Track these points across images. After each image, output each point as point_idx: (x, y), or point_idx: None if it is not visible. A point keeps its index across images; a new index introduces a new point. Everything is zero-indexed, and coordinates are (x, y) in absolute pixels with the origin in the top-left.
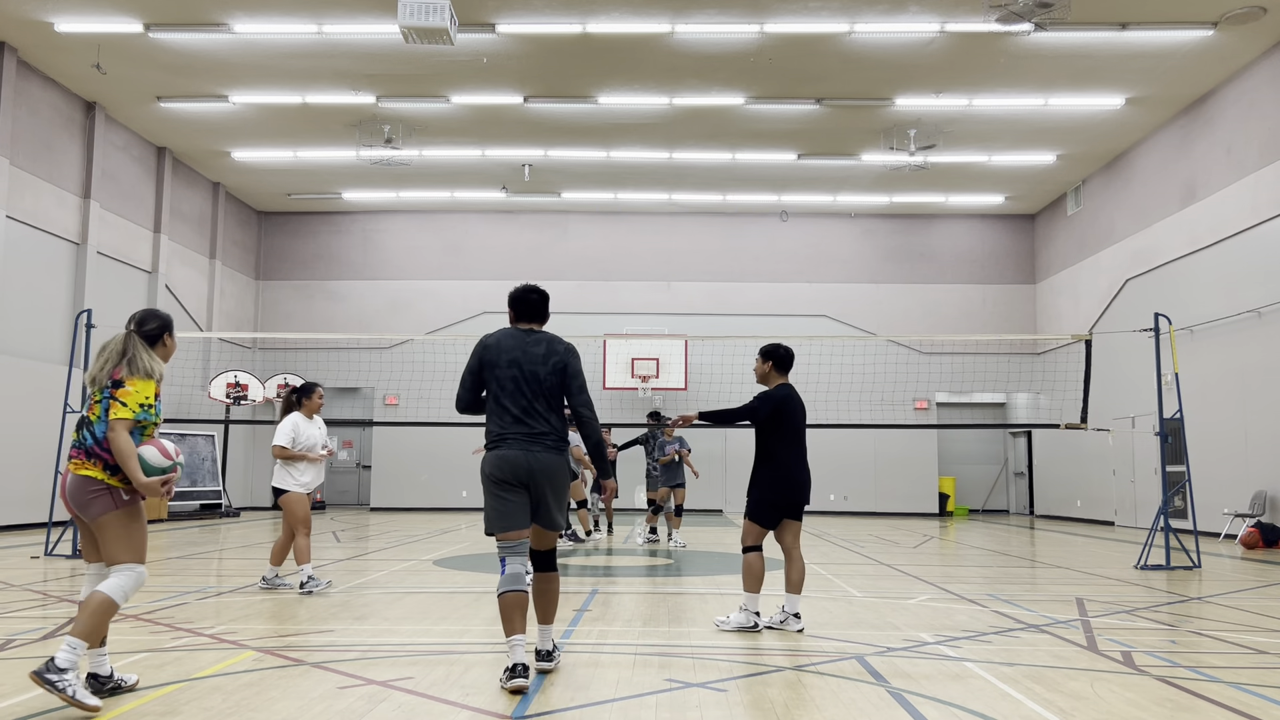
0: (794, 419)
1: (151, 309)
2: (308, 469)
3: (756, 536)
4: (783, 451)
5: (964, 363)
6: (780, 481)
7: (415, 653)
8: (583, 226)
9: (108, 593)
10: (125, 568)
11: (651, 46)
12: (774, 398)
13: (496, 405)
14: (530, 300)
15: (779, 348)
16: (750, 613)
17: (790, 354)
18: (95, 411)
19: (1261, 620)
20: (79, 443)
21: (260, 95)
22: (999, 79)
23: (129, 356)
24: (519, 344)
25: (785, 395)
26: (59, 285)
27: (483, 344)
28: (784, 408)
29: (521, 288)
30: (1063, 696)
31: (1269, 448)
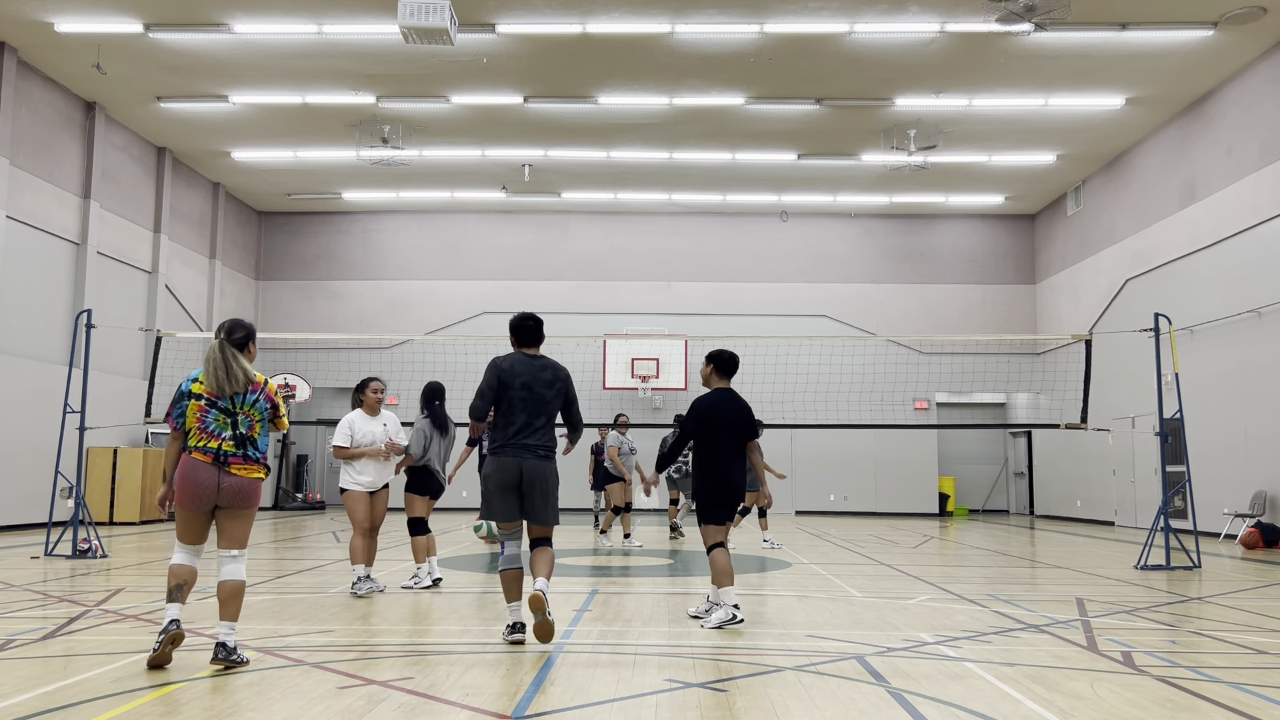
0: (723, 424)
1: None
2: (367, 466)
3: (717, 535)
4: (721, 454)
5: (964, 363)
6: (723, 481)
7: (415, 653)
8: (583, 226)
9: (243, 578)
10: (244, 553)
11: (651, 46)
12: (696, 409)
13: (505, 420)
14: (529, 328)
15: (721, 353)
16: (729, 607)
17: (733, 359)
18: (256, 430)
19: (1261, 620)
20: (243, 454)
21: (260, 95)
22: (999, 79)
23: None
24: (530, 370)
25: (710, 403)
26: (59, 285)
27: (498, 366)
28: (706, 415)
29: (520, 316)
30: (1063, 696)
31: (1269, 448)
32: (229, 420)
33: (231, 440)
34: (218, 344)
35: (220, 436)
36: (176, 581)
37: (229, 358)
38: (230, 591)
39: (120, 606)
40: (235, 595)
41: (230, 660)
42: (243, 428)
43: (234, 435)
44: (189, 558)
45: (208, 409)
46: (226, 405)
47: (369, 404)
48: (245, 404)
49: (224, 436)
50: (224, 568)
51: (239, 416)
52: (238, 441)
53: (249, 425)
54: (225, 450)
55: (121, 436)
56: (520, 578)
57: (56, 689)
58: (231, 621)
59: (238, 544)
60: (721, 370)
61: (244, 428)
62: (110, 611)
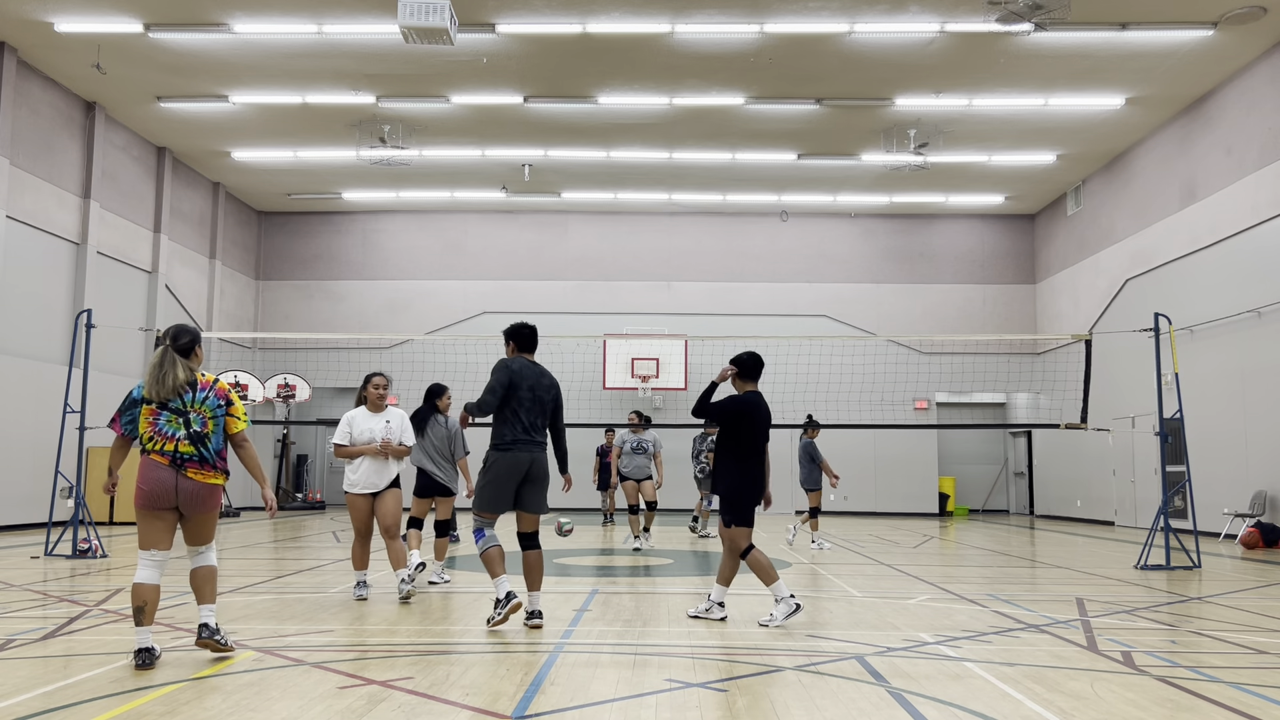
0: (756, 424)
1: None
2: (361, 465)
3: (747, 538)
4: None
5: (964, 363)
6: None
7: (415, 653)
8: (583, 226)
9: (214, 563)
10: (211, 545)
11: (651, 46)
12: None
13: (514, 417)
14: (526, 334)
15: (742, 356)
16: (784, 599)
17: (755, 361)
18: (210, 427)
19: (1261, 620)
20: (198, 457)
21: (260, 95)
22: (999, 79)
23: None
24: (534, 374)
25: (748, 401)
26: (59, 285)
27: (509, 368)
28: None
29: (519, 324)
30: (1063, 696)
31: (1269, 448)
32: (181, 420)
33: (186, 439)
34: (159, 350)
35: (174, 438)
36: (139, 602)
37: (165, 362)
38: (203, 577)
39: (120, 606)
40: (209, 579)
41: (215, 640)
42: (196, 425)
43: (188, 434)
44: (153, 572)
45: (159, 411)
46: (177, 406)
47: (371, 400)
48: (195, 402)
49: (178, 437)
50: (194, 560)
51: (190, 415)
52: (193, 440)
53: (202, 423)
54: (182, 452)
55: None
56: (503, 553)
57: (56, 689)
58: (210, 604)
59: (203, 541)
60: (745, 373)
61: (197, 425)
62: (110, 611)
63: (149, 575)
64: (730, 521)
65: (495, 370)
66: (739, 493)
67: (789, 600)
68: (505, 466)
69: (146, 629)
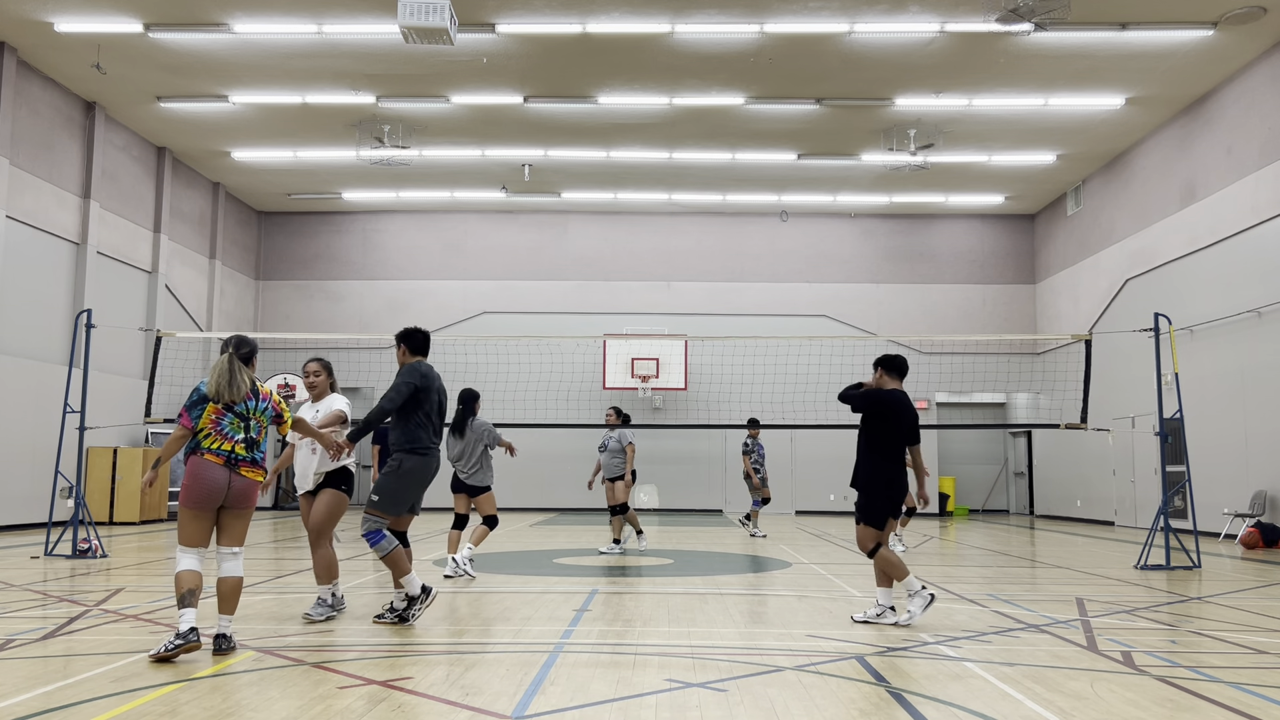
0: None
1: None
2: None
3: (875, 538)
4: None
5: (964, 363)
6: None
7: (415, 653)
8: (583, 226)
9: (241, 574)
10: (241, 549)
11: (651, 46)
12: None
13: (426, 421)
14: (421, 339)
15: (886, 356)
16: (920, 593)
17: (901, 359)
18: (264, 435)
19: (1261, 620)
20: (249, 458)
21: (260, 95)
22: (999, 79)
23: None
24: (437, 377)
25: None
26: (59, 285)
27: (418, 371)
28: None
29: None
30: (1063, 696)
31: (1269, 448)
32: (243, 425)
33: (243, 443)
34: (226, 356)
35: (233, 439)
36: (188, 587)
37: (235, 369)
38: (231, 587)
39: (120, 606)
40: (235, 591)
41: (229, 650)
42: (253, 432)
43: (245, 439)
44: (195, 562)
45: (224, 412)
46: (242, 410)
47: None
48: (256, 410)
49: (237, 439)
50: (224, 564)
51: (251, 421)
52: (248, 445)
53: (259, 430)
54: (238, 453)
55: (121, 436)
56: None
57: (56, 689)
58: (230, 615)
59: (238, 541)
60: (891, 371)
61: (254, 432)
62: (110, 611)
63: (191, 563)
64: (859, 519)
65: (405, 373)
66: (869, 492)
67: (922, 594)
68: (419, 470)
69: (192, 609)
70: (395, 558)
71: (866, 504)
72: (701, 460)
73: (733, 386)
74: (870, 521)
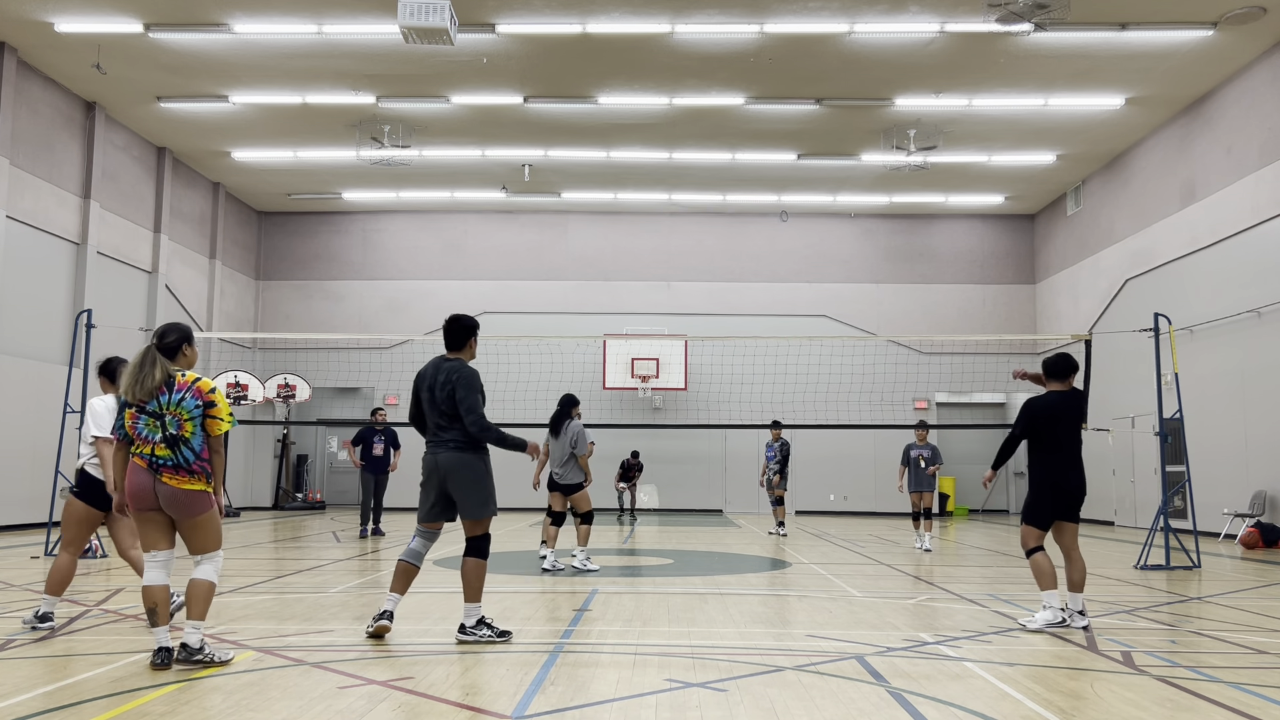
0: (1053, 426)
1: (171, 322)
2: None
3: (1036, 539)
4: (1046, 457)
5: (964, 363)
6: (1046, 486)
7: (415, 653)
8: (583, 226)
9: (209, 578)
10: (213, 555)
11: (651, 46)
12: (1027, 410)
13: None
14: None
15: (1054, 356)
16: (1055, 609)
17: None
18: (188, 430)
19: (1261, 620)
20: (173, 461)
21: (260, 95)
22: (999, 79)
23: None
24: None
25: (1042, 405)
26: (59, 285)
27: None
28: (1037, 419)
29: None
30: (1063, 696)
31: (1269, 448)
32: (158, 423)
33: (163, 443)
34: (142, 349)
35: (152, 441)
36: (150, 604)
37: (143, 364)
38: (198, 591)
39: (120, 606)
40: (202, 595)
41: (195, 660)
42: (171, 428)
43: (164, 438)
44: (158, 573)
45: (138, 415)
46: (154, 408)
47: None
48: (171, 404)
49: (155, 440)
50: (195, 570)
51: (166, 418)
52: (169, 443)
53: (178, 425)
54: (158, 455)
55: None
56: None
57: (56, 689)
58: (198, 620)
59: (200, 550)
60: (1051, 374)
61: (173, 428)
62: (110, 611)
63: (154, 577)
64: (1023, 518)
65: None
66: (1037, 491)
67: (1058, 611)
68: (422, 470)
69: (163, 628)
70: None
71: (1031, 502)
72: (701, 460)
73: (733, 386)
74: (1032, 521)
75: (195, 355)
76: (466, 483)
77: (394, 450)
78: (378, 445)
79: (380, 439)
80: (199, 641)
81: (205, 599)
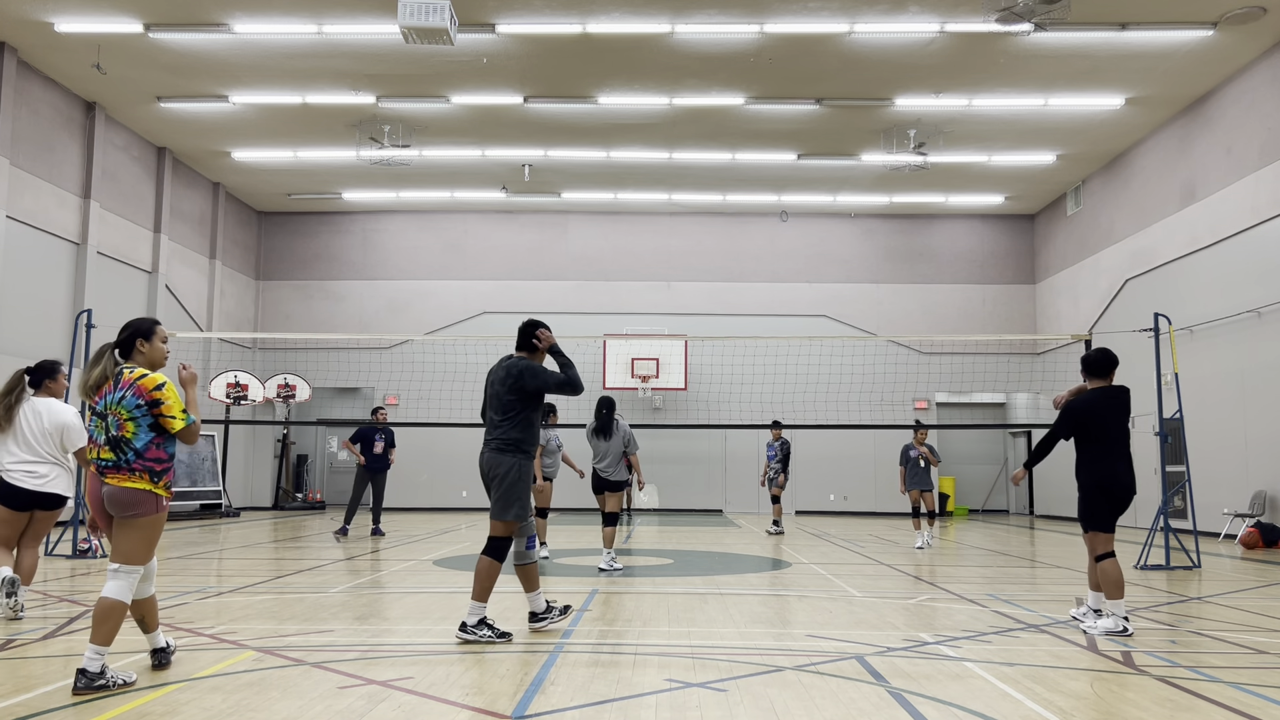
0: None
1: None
2: None
3: (1105, 544)
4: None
5: (964, 363)
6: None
7: (415, 653)
8: (583, 226)
9: (118, 598)
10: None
11: (651, 46)
12: (1070, 411)
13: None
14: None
15: (1091, 352)
16: (1119, 618)
17: (1098, 358)
18: (128, 430)
19: (1261, 620)
20: (114, 462)
21: (260, 95)
22: (999, 79)
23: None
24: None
25: (1084, 404)
26: (59, 285)
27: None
28: (1079, 418)
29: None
30: (1063, 696)
31: (1269, 448)
32: (103, 424)
33: (106, 445)
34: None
35: (98, 443)
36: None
37: (96, 360)
38: (102, 610)
39: None
40: (106, 616)
41: (97, 687)
42: (113, 429)
43: (108, 439)
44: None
45: (94, 418)
46: (101, 409)
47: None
48: (112, 403)
49: (100, 442)
50: (106, 583)
51: (109, 418)
52: (111, 445)
53: (118, 425)
54: (103, 458)
55: None
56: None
57: (56, 689)
58: (101, 645)
59: (121, 557)
60: (1090, 371)
61: (114, 429)
62: None
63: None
64: (1087, 525)
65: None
66: (1086, 495)
67: (1120, 620)
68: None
69: (156, 632)
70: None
71: (1088, 507)
72: (701, 460)
73: (733, 386)
74: (1098, 526)
75: (159, 351)
76: (498, 483)
77: (390, 450)
78: (378, 444)
79: (381, 437)
80: (99, 667)
81: (110, 619)
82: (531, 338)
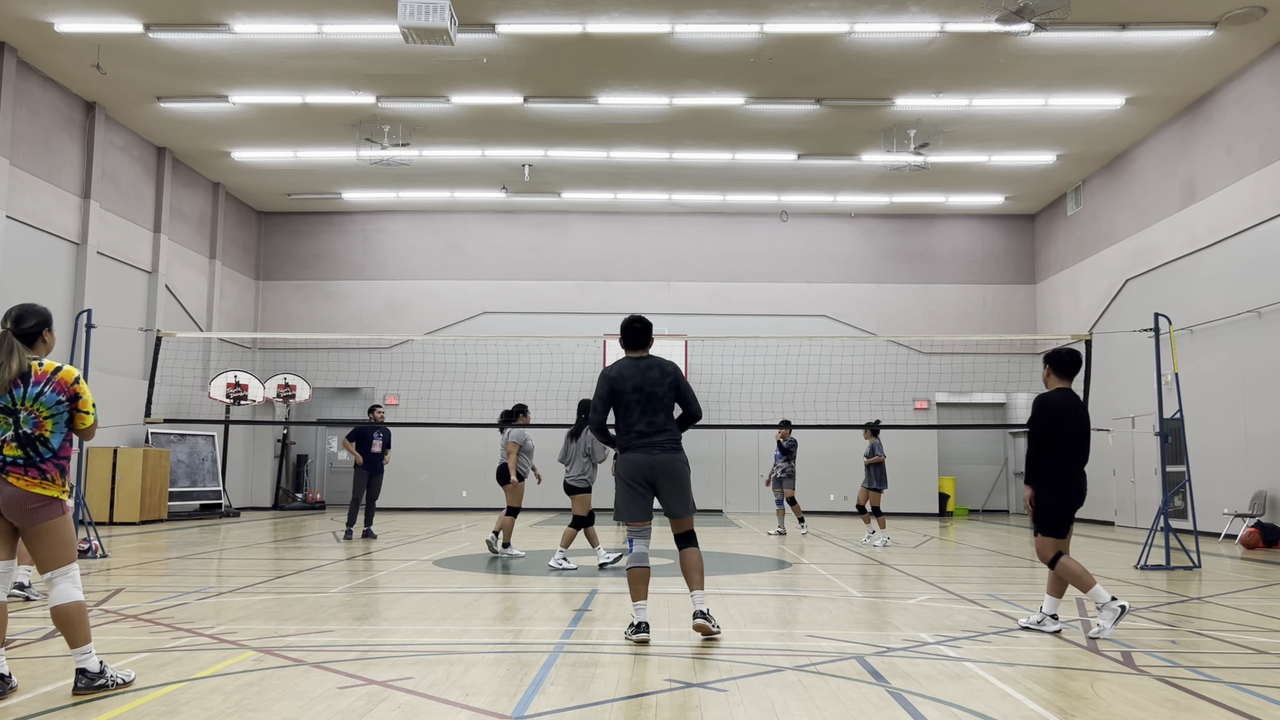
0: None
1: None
2: None
3: (1053, 548)
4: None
5: (964, 363)
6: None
7: (415, 653)
8: (583, 226)
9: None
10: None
11: (651, 46)
12: (1047, 405)
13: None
14: (625, 329)
15: (1058, 352)
16: (1109, 602)
17: (1072, 357)
18: (47, 428)
19: (1261, 620)
20: (24, 460)
21: (260, 95)
22: (999, 79)
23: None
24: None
25: (1060, 402)
26: (59, 285)
27: (606, 377)
28: (1056, 411)
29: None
30: (1063, 696)
31: (1269, 448)
32: (10, 420)
33: (14, 442)
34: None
35: (3, 439)
36: None
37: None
38: (68, 615)
39: (120, 606)
40: (69, 621)
41: (97, 687)
42: (26, 426)
43: (16, 436)
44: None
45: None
46: (6, 403)
47: None
48: (27, 398)
49: (5, 438)
50: (51, 592)
51: (20, 414)
52: (21, 442)
53: (34, 423)
54: (6, 455)
55: (121, 436)
56: (647, 576)
57: (56, 689)
58: (83, 645)
59: (51, 564)
60: (1059, 370)
61: (28, 426)
62: (110, 611)
63: None
64: (1041, 528)
65: (597, 384)
66: (1044, 500)
67: (1112, 605)
68: (624, 469)
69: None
70: (629, 578)
71: (1042, 512)
72: (701, 460)
73: (733, 386)
74: (1051, 531)
75: (53, 341)
76: (683, 482)
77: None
78: (376, 443)
79: (379, 436)
80: (97, 665)
81: (81, 619)
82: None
